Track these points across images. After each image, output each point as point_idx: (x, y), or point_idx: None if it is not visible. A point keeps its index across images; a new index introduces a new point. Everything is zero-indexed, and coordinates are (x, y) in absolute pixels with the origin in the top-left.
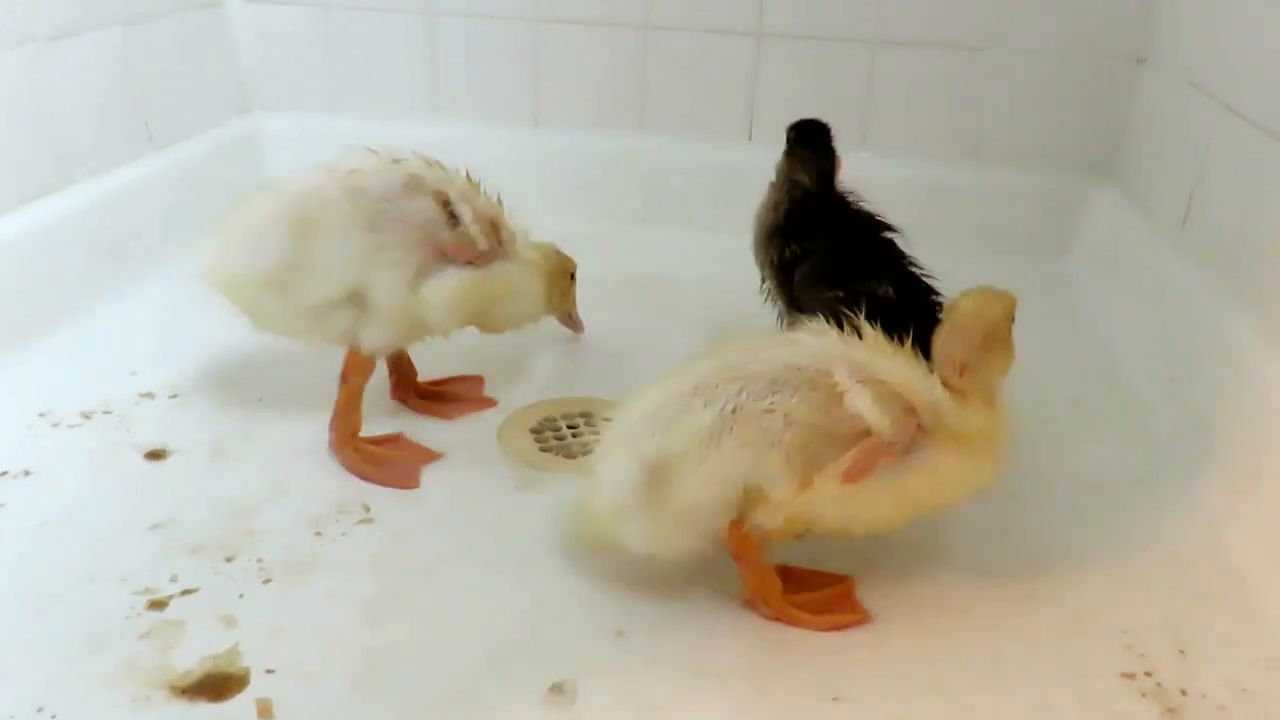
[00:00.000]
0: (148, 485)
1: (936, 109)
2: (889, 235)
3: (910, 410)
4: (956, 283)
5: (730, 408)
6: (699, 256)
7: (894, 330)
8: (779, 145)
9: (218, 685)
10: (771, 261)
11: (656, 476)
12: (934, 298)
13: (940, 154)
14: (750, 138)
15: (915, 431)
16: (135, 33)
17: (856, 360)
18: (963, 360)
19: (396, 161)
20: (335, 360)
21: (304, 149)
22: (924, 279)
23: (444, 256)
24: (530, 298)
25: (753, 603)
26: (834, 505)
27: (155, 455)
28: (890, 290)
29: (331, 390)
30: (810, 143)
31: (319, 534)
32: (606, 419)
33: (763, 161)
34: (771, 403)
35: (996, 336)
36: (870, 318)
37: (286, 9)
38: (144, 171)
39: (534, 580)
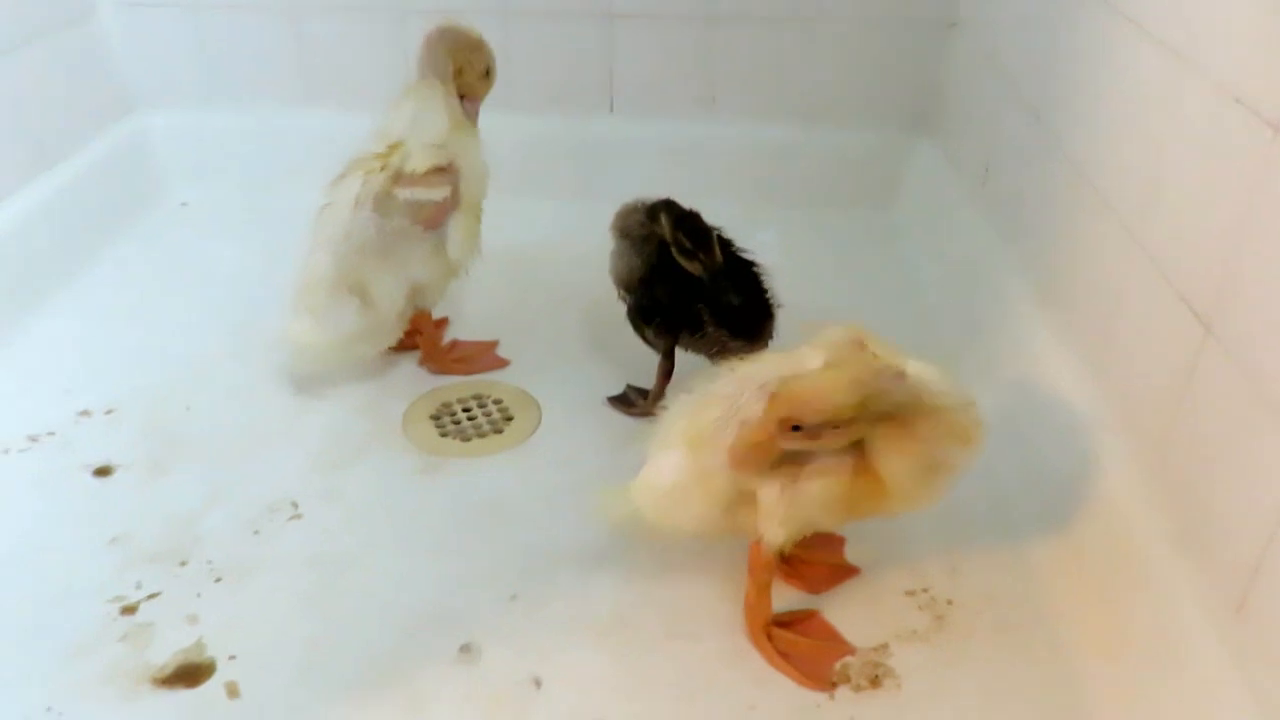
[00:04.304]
0: (100, 502)
1: (774, 76)
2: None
3: None
4: (800, 234)
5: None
6: (568, 226)
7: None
8: (638, 116)
9: (191, 674)
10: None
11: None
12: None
13: (780, 117)
14: (611, 109)
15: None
16: (16, 60)
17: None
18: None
19: (358, 203)
20: (249, 365)
21: (188, 143)
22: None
23: (435, 223)
24: (479, 151)
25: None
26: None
27: (102, 472)
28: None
29: (244, 394)
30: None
31: (257, 533)
32: (497, 401)
33: (622, 132)
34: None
35: None
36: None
37: (158, 11)
38: (41, 191)
39: (440, 559)
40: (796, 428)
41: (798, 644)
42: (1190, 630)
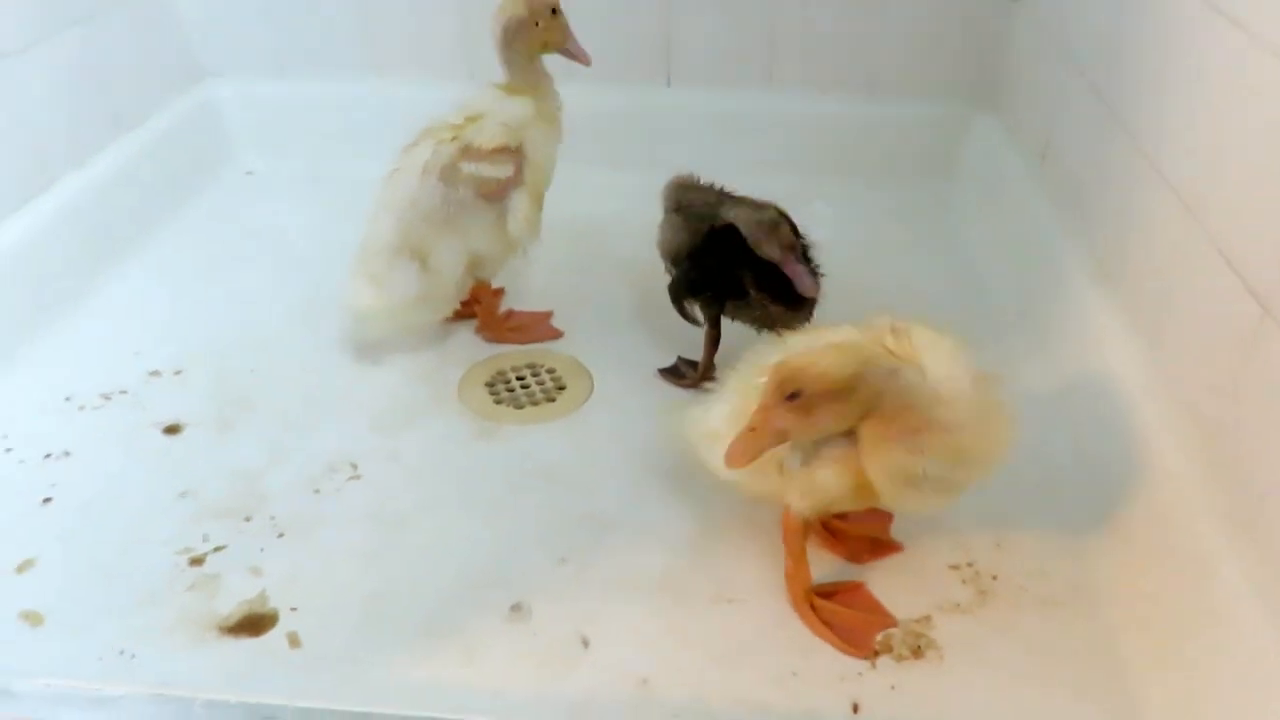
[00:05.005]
0: (170, 458)
1: (833, 48)
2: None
3: None
4: (858, 208)
5: None
6: (624, 199)
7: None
8: (695, 89)
9: (255, 623)
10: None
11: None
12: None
13: (839, 90)
14: (668, 83)
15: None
16: (91, 29)
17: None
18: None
19: (425, 171)
20: (312, 330)
21: (255, 112)
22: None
23: (497, 197)
24: (554, 145)
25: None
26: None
27: (172, 430)
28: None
29: (307, 358)
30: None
31: (317, 491)
32: (550, 370)
33: (680, 105)
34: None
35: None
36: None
37: None
38: (112, 158)
39: (493, 521)
40: (794, 396)
41: (840, 614)
42: (1237, 609)
